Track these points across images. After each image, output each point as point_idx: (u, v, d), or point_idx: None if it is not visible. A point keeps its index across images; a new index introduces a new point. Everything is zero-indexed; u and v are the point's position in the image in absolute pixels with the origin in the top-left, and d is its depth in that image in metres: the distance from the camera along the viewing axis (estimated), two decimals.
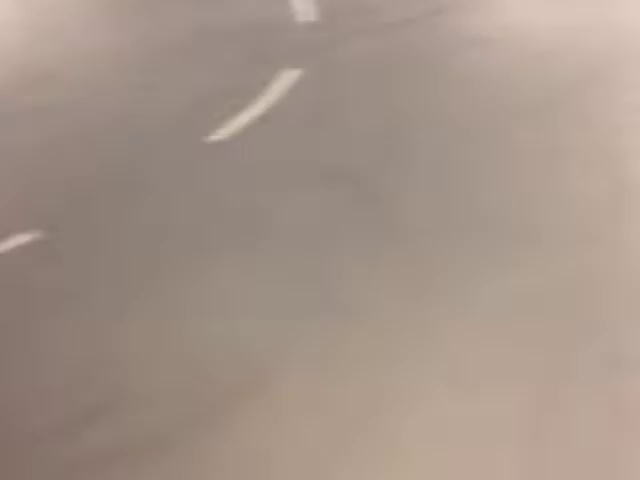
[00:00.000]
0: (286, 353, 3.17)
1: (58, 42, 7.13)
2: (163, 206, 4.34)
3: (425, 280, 3.59)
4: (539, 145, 4.83)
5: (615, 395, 2.86)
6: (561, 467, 2.57)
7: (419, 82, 5.91)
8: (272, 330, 3.31)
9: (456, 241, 3.87)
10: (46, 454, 2.75)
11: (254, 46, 6.84)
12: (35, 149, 5.12)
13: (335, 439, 2.73)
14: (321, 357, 3.14)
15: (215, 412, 2.88)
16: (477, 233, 3.93)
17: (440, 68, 6.14)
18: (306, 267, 3.73)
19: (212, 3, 8.14)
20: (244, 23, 7.46)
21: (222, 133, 5.20)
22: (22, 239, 4.10)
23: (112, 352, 3.23)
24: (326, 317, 3.37)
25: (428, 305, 3.42)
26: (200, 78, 6.16)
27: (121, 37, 7.20)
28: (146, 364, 3.15)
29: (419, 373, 3.03)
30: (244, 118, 5.40)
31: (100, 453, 2.73)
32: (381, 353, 3.14)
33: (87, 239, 4.06)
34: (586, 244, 3.78)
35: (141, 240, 4.03)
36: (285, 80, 6.04)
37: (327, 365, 3.09)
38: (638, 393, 2.85)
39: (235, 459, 2.67)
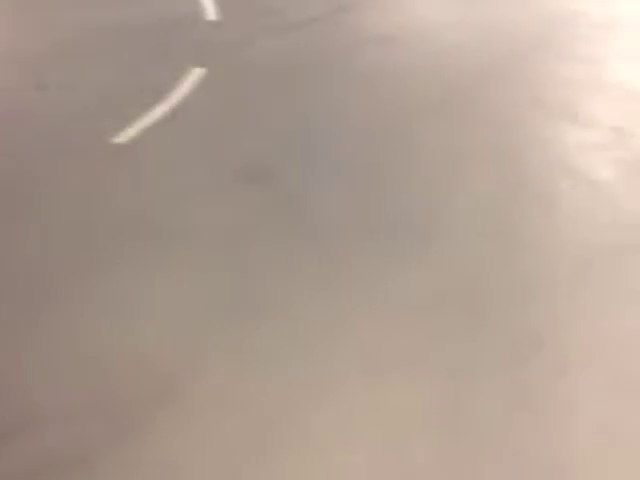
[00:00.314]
0: (195, 354, 3.15)
1: None
2: (61, 208, 4.23)
3: (334, 275, 3.63)
4: (438, 142, 4.94)
5: (514, 380, 2.97)
6: (470, 450, 2.66)
7: (322, 81, 5.96)
8: (181, 332, 3.28)
9: (363, 237, 3.94)
10: None
11: (160, 44, 6.74)
12: None
13: (248, 437, 2.74)
14: (231, 356, 3.14)
15: (130, 424, 2.83)
16: (383, 230, 4.00)
17: (343, 67, 6.20)
18: (214, 267, 3.72)
19: (118, 2, 7.98)
20: (150, 22, 7.34)
21: (129, 133, 5.11)
22: None
23: (20, 367, 3.14)
24: (235, 315, 3.37)
25: (337, 299, 3.47)
26: (105, 77, 6.02)
27: (18, 35, 6.97)
28: (55, 379, 3.06)
29: (330, 363, 3.08)
30: (151, 117, 5.33)
31: (15, 475, 2.65)
32: (291, 346, 3.17)
33: None
34: (483, 239, 3.91)
35: (37, 244, 3.93)
36: (191, 79, 5.99)
37: (237, 362, 3.10)
38: (535, 378, 2.98)
39: (151, 469, 2.65)
